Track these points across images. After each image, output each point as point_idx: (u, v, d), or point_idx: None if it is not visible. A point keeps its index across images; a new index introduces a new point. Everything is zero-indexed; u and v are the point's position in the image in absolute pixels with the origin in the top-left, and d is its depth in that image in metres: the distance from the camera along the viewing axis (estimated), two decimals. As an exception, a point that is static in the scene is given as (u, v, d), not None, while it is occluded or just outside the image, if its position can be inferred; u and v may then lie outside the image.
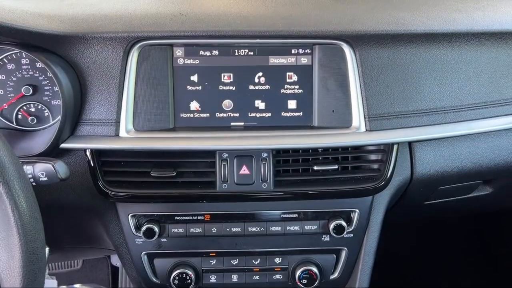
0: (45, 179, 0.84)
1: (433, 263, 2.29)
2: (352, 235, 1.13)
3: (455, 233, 2.31)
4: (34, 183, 0.84)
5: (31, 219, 0.69)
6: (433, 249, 2.33)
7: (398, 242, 2.17)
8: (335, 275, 1.17)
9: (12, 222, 0.67)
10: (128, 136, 1.02)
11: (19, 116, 1.09)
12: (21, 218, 0.67)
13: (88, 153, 1.03)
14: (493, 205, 1.50)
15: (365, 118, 1.05)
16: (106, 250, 1.36)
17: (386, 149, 1.08)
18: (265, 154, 1.05)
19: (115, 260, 2.35)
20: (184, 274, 1.11)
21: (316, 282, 1.14)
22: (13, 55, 1.06)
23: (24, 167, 0.83)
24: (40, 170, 0.83)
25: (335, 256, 1.16)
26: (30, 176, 0.83)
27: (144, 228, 1.07)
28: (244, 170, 1.05)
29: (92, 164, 1.04)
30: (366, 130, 1.05)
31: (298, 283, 1.14)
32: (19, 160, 0.73)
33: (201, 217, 1.11)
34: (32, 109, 1.08)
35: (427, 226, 2.26)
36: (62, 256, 1.51)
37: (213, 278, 1.15)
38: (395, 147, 1.07)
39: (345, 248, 1.15)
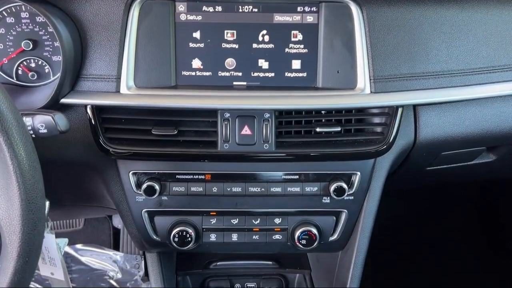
0: (45, 131, 0.83)
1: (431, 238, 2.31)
2: (352, 197, 1.13)
3: (453, 202, 2.33)
4: (33, 135, 0.84)
5: (30, 169, 0.68)
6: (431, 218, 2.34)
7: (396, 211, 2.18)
8: (334, 236, 1.18)
9: (11, 170, 0.66)
10: (129, 93, 1.01)
11: (20, 72, 1.07)
12: (20, 167, 0.67)
13: (88, 109, 1.02)
14: (496, 173, 1.49)
15: (370, 79, 1.03)
16: (107, 209, 1.37)
17: (390, 112, 1.06)
18: (267, 115, 1.04)
19: (117, 222, 2.38)
20: (184, 232, 1.12)
21: (315, 243, 1.14)
22: (13, 8, 1.04)
23: (24, 118, 0.83)
24: (39, 122, 0.82)
25: (335, 218, 1.16)
26: (29, 128, 0.83)
27: (144, 185, 1.07)
28: (246, 130, 1.04)
29: (92, 121, 1.03)
30: (371, 92, 1.03)
31: (297, 243, 1.14)
32: (19, 111, 0.72)
33: (202, 177, 1.10)
34: (33, 65, 1.07)
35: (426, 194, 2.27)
36: (63, 214, 1.52)
37: (213, 237, 1.16)
38: (400, 110, 1.06)
39: (345, 210, 1.15)
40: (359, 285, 1.20)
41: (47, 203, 0.94)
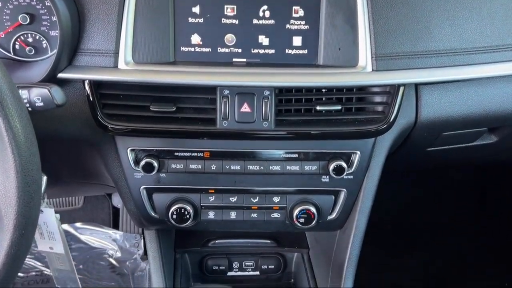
0: (41, 104, 0.82)
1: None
2: (352, 176, 1.12)
3: (452, 184, 2.33)
4: (30, 109, 0.83)
5: (26, 141, 0.68)
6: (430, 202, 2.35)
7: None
8: (333, 215, 1.18)
9: (6, 142, 0.66)
10: (127, 68, 1.00)
11: (17, 46, 1.06)
12: (15, 138, 0.66)
13: (86, 85, 1.01)
14: (496, 155, 1.48)
15: (372, 57, 1.02)
16: (105, 186, 1.37)
17: (391, 91, 1.05)
18: (267, 92, 1.02)
19: (117, 201, 2.38)
20: (183, 209, 1.12)
21: (314, 222, 1.14)
22: (8, -20, 1.02)
23: (20, 91, 0.81)
24: (36, 95, 0.81)
25: (333, 197, 1.15)
26: (26, 101, 0.82)
27: (143, 162, 1.07)
28: (245, 108, 1.03)
29: (90, 97, 1.02)
30: (373, 70, 1.02)
31: (296, 222, 1.14)
32: (14, 83, 0.71)
33: (201, 154, 1.10)
34: (30, 39, 1.05)
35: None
36: (61, 191, 1.53)
37: (211, 215, 1.15)
38: (401, 89, 1.04)
39: (344, 189, 1.14)
40: (357, 264, 1.20)
41: (45, 178, 0.94)
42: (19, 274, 2.07)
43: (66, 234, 2.23)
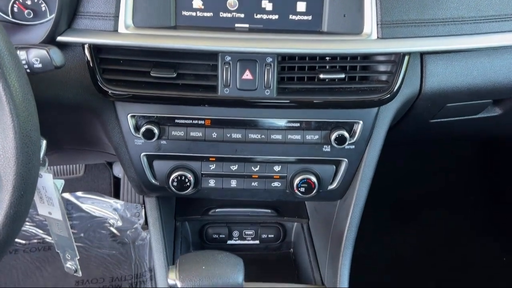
0: (40, 65, 0.80)
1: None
2: (353, 146, 1.12)
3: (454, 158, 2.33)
4: (28, 70, 0.81)
5: (24, 100, 0.66)
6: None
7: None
8: (334, 185, 1.17)
9: (4, 101, 0.65)
10: (127, 32, 0.98)
11: (15, 9, 1.04)
12: (12, 98, 0.65)
13: (86, 49, 0.99)
14: (500, 128, 1.47)
15: (377, 24, 0.99)
16: (106, 154, 1.36)
17: (396, 60, 1.03)
18: (270, 59, 1.01)
19: (118, 171, 2.39)
20: (183, 177, 1.12)
21: (314, 191, 1.14)
22: None
23: (18, 52, 0.80)
24: (34, 56, 0.80)
25: (334, 167, 1.15)
26: (24, 62, 0.80)
27: (143, 129, 1.06)
28: (247, 75, 1.01)
29: (90, 62, 1.00)
30: (378, 37, 1.00)
31: (296, 191, 1.14)
32: (12, 43, 0.69)
33: (202, 122, 1.09)
34: (28, 2, 1.03)
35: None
36: (62, 159, 1.52)
37: (212, 183, 1.15)
38: (406, 58, 1.02)
39: (346, 159, 1.14)
40: (356, 234, 1.20)
41: (44, 142, 0.93)
42: (21, 241, 2.10)
43: (67, 203, 2.24)
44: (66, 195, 2.21)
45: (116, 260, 2.07)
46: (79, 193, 2.24)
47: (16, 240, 2.08)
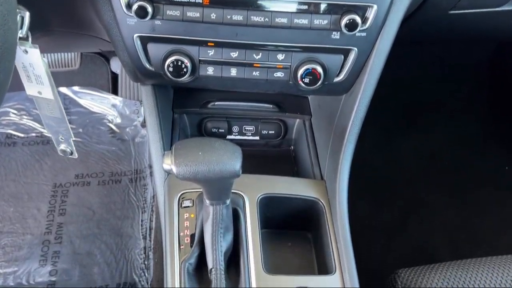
0: None
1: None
2: (364, 34, 1.02)
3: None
4: None
5: None
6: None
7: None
8: (340, 77, 1.09)
9: None
10: None
11: None
12: None
13: None
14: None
15: None
16: (100, 40, 1.28)
17: None
18: None
19: (115, 67, 2.31)
20: (180, 62, 1.04)
21: (319, 83, 1.07)
22: None
23: None
24: None
25: (343, 56, 1.06)
26: None
27: (135, 6, 0.96)
28: None
29: None
30: None
31: (300, 82, 1.07)
32: None
33: (200, 0, 0.99)
34: None
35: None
36: (54, 44, 1.44)
37: (210, 70, 1.08)
38: None
39: (355, 48, 1.05)
40: (360, 131, 1.15)
41: (27, 13, 0.85)
42: (19, 134, 2.08)
43: (65, 97, 2.19)
44: (63, 89, 2.16)
45: (116, 156, 2.07)
46: (76, 88, 2.18)
47: (14, 133, 2.07)
